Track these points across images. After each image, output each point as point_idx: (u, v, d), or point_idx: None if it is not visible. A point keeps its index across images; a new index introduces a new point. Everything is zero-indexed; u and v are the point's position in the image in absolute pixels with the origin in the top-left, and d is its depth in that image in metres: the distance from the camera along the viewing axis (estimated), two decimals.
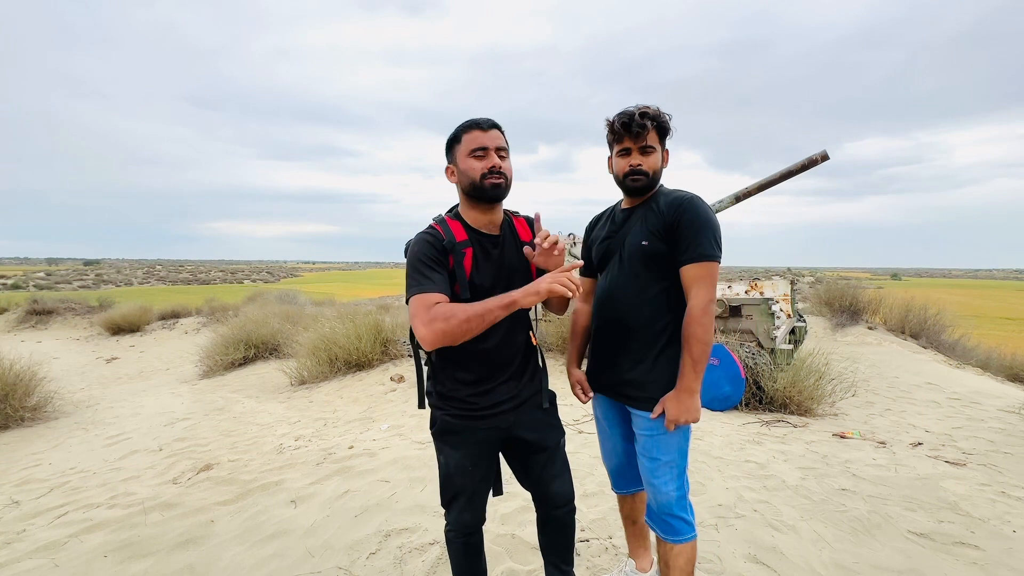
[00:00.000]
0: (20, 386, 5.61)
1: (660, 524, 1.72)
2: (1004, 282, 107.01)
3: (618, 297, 1.73)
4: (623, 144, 1.69)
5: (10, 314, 15.02)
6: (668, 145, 1.75)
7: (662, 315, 1.68)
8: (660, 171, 1.73)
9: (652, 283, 1.68)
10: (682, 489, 1.69)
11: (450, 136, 1.58)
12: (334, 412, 5.14)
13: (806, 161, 4.61)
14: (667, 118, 1.69)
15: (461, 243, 1.55)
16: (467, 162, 1.52)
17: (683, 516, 1.69)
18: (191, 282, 64.30)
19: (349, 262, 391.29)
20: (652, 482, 1.69)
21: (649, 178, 1.69)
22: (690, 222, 1.60)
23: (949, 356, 8.41)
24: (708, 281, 1.58)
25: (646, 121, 1.64)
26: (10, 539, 2.69)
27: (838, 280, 11.86)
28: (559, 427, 1.75)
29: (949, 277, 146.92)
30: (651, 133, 1.66)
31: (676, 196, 1.67)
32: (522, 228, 1.70)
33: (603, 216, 1.95)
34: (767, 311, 5.37)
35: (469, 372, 1.59)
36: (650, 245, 1.66)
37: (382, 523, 2.59)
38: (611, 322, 1.76)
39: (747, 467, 3.34)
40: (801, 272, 72.34)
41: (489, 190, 1.52)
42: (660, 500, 1.69)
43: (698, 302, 1.57)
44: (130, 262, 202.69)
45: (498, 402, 1.60)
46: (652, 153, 1.68)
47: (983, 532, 2.53)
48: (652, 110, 1.66)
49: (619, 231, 1.78)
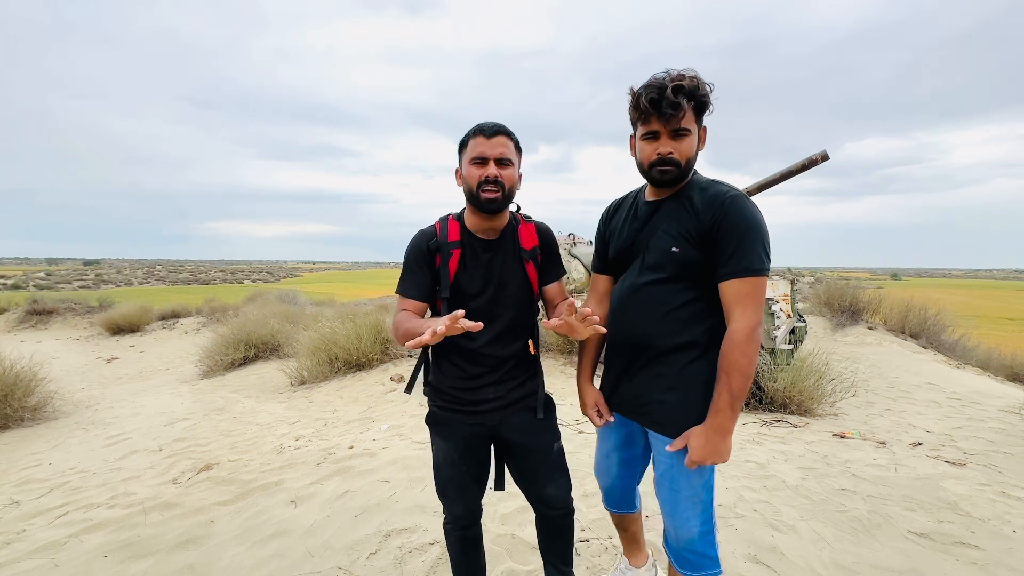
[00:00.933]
0: (20, 386, 5.61)
1: (678, 558, 1.51)
2: (1004, 282, 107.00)
3: (637, 308, 1.48)
4: (650, 126, 1.36)
5: (10, 314, 15.01)
6: (707, 121, 1.42)
7: (689, 329, 1.42)
8: (695, 157, 1.42)
9: (680, 293, 1.42)
10: (708, 524, 1.46)
11: (461, 140, 1.57)
12: (334, 412, 5.14)
13: (806, 161, 4.60)
14: (708, 90, 1.36)
15: (451, 244, 1.56)
16: (468, 169, 1.52)
17: (706, 552, 1.47)
18: (191, 282, 64.32)
19: (349, 262, 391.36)
20: (673, 513, 1.48)
21: (681, 168, 1.38)
22: (733, 227, 1.31)
23: (949, 356, 8.41)
24: (755, 300, 1.31)
25: (680, 99, 1.30)
26: (10, 539, 2.69)
27: (838, 280, 11.85)
28: (553, 430, 1.70)
29: (949, 277, 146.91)
30: (687, 113, 1.33)
31: (716, 192, 1.38)
32: (527, 234, 1.64)
33: (623, 204, 1.63)
34: (767, 311, 5.37)
35: (456, 367, 1.61)
36: (681, 252, 1.38)
37: (382, 523, 2.59)
38: (629, 336, 1.52)
39: (747, 467, 3.34)
40: (801, 272, 72.30)
41: (484, 203, 1.49)
42: (681, 536, 1.47)
43: (742, 325, 1.30)
44: (130, 262, 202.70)
45: (483, 399, 1.60)
46: (686, 137, 1.36)
47: (983, 532, 2.53)
48: (688, 81, 1.32)
49: (643, 229, 1.49)
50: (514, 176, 1.54)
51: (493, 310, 1.56)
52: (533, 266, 1.62)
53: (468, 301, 1.54)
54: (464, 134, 1.56)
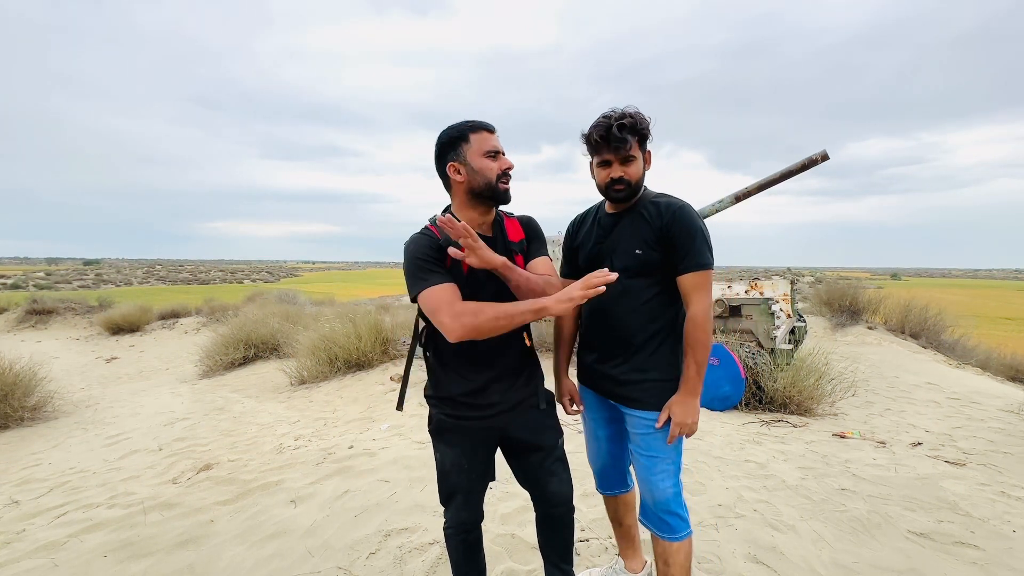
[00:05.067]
0: (20, 386, 5.61)
1: (656, 523, 1.73)
2: (1004, 282, 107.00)
3: (611, 306, 1.72)
4: (602, 156, 1.67)
5: (10, 314, 15.01)
6: (650, 146, 1.73)
7: (656, 318, 1.70)
8: (643, 176, 1.73)
9: (644, 289, 1.70)
10: (678, 486, 1.72)
11: (452, 134, 1.56)
12: (334, 412, 5.14)
13: (806, 161, 4.60)
14: (647, 124, 1.66)
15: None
16: (482, 162, 1.54)
17: (679, 513, 1.71)
18: (191, 282, 64.30)
19: (349, 262, 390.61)
20: (650, 479, 1.70)
21: (632, 187, 1.69)
22: (684, 232, 1.62)
23: (949, 356, 8.41)
24: (706, 288, 1.64)
25: (625, 134, 1.61)
26: (10, 539, 2.69)
27: (838, 280, 11.86)
28: (556, 427, 1.75)
29: (949, 277, 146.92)
30: (632, 144, 1.63)
31: (666, 204, 1.67)
32: (512, 228, 1.70)
33: (587, 219, 1.90)
34: (767, 311, 5.37)
35: (462, 373, 1.60)
36: (644, 254, 1.67)
37: (382, 523, 2.59)
38: (605, 329, 1.77)
39: (747, 467, 3.34)
40: (801, 272, 72.30)
41: (503, 194, 1.58)
42: (657, 497, 1.70)
43: (700, 308, 1.62)
44: (130, 262, 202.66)
45: (491, 403, 1.60)
46: (633, 162, 1.66)
47: (983, 532, 2.53)
48: (629, 119, 1.61)
49: (607, 237, 1.77)
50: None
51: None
52: (522, 258, 1.67)
53: (479, 294, 1.53)
54: (457, 130, 1.55)
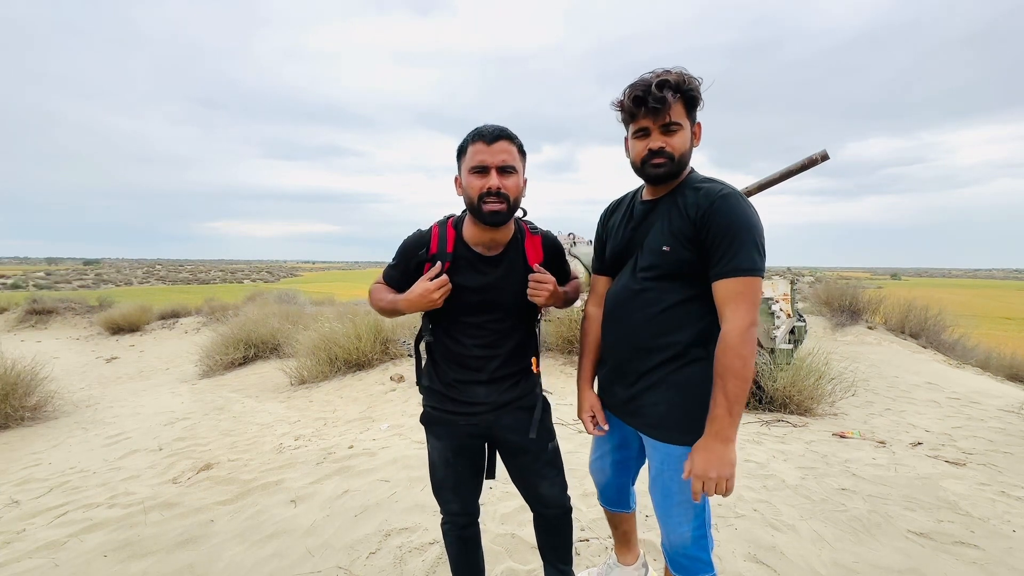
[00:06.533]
0: (20, 386, 5.61)
1: (672, 562, 1.50)
2: (1004, 282, 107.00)
3: (628, 309, 1.46)
4: (639, 123, 1.36)
5: (10, 314, 15.02)
6: (699, 117, 1.41)
7: (682, 330, 1.39)
8: (689, 152, 1.39)
9: (672, 293, 1.39)
10: (701, 528, 1.44)
11: (460, 144, 1.46)
12: (334, 412, 5.14)
13: (806, 161, 4.60)
14: (696, 84, 1.34)
15: (445, 256, 1.50)
16: (468, 179, 1.41)
17: (699, 556, 1.45)
18: (191, 282, 64.29)
19: (349, 262, 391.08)
20: (664, 520, 1.48)
21: (674, 162, 1.36)
22: (725, 226, 1.28)
23: (949, 356, 8.41)
24: (748, 300, 1.26)
25: (665, 93, 1.29)
26: (10, 539, 2.69)
27: (838, 280, 11.86)
28: (547, 429, 1.67)
29: (949, 277, 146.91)
30: (675, 106, 1.32)
31: (707, 190, 1.34)
32: (533, 250, 1.56)
33: (621, 205, 1.61)
34: (767, 311, 5.37)
35: (446, 370, 1.60)
36: (672, 252, 1.36)
37: (382, 523, 2.59)
38: (620, 338, 1.50)
39: (747, 467, 3.33)
40: (801, 272, 72.29)
41: (487, 216, 1.40)
42: (674, 541, 1.47)
43: (734, 326, 1.25)
44: (130, 262, 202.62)
45: (473, 402, 1.58)
46: (678, 131, 1.34)
47: (983, 532, 2.53)
48: (674, 76, 1.31)
49: (638, 228, 1.47)
50: (519, 184, 1.44)
51: (481, 317, 1.54)
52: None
53: (458, 307, 1.52)
54: (463, 139, 1.44)
